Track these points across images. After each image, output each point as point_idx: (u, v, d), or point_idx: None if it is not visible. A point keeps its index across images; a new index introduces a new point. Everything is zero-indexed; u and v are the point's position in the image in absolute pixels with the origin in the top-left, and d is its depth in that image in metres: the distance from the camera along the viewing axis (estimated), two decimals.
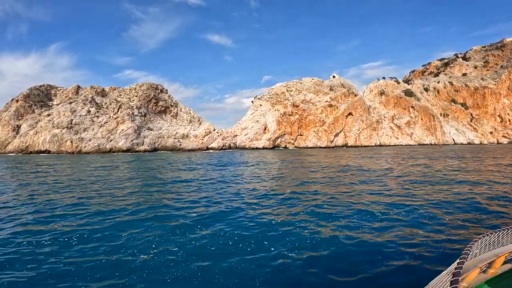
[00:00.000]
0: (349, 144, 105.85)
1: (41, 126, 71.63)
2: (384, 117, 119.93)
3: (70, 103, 76.68)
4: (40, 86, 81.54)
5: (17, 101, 77.00)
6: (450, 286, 2.07)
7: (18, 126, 74.47)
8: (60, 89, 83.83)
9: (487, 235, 2.92)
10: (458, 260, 2.39)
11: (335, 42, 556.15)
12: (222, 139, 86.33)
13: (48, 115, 74.44)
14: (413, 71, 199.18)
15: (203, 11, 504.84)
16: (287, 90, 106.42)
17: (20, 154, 69.55)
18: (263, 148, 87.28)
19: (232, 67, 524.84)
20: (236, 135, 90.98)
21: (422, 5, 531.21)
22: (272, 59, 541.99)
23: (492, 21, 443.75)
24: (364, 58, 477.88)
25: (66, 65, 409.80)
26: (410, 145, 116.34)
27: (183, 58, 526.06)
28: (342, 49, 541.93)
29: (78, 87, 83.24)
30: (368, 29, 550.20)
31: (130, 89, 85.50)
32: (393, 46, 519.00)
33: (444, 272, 2.41)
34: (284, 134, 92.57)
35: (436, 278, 2.39)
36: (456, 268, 2.28)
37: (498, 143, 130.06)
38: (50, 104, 79.08)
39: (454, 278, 2.14)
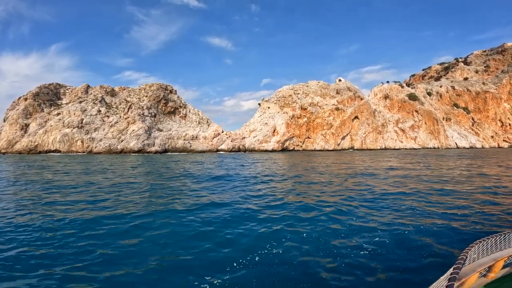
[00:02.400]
0: (356, 147, 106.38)
1: (51, 125, 70.62)
2: (389, 120, 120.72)
3: (80, 102, 75.76)
4: (49, 84, 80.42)
5: (25, 99, 75.82)
6: None
7: (27, 125, 73.35)
8: (69, 88, 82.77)
9: (485, 240, 2.96)
10: (454, 265, 2.43)
11: (336, 46, 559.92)
12: (232, 141, 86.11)
13: (58, 114, 73.46)
14: (413, 75, 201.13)
15: (205, 14, 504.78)
16: (294, 93, 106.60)
17: (29, 154, 68.47)
18: (272, 150, 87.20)
19: (232, 70, 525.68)
20: (244, 137, 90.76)
21: (421, 10, 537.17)
22: (272, 63, 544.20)
23: (491, 26, 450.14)
24: (364, 62, 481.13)
25: (67, 65, 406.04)
26: (414, 148, 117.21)
27: (184, 60, 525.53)
28: (343, 53, 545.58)
29: (88, 86, 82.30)
30: (368, 33, 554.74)
31: (139, 89, 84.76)
32: (392, 50, 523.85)
33: (442, 277, 2.43)
34: (293, 136, 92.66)
35: (434, 283, 2.42)
36: (452, 273, 2.31)
37: (499, 147, 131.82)
38: (59, 103, 77.99)
39: (449, 283, 2.17)
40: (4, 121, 79.91)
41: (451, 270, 2.40)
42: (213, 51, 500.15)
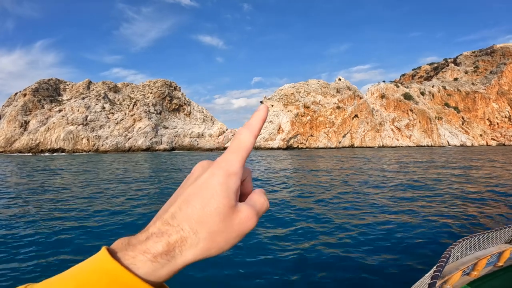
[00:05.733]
0: (355, 145, 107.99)
1: (53, 122, 67.64)
2: (386, 119, 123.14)
3: (83, 98, 72.91)
4: (48, 79, 76.90)
5: (24, 95, 72.24)
6: None
7: (26, 122, 69.98)
8: (69, 84, 79.46)
9: (468, 238, 3.04)
10: (437, 264, 2.48)
11: (326, 46, 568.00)
12: None
13: (60, 110, 70.47)
14: (403, 75, 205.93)
15: (196, 12, 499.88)
16: (296, 91, 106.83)
17: (30, 152, 65.29)
18: (278, 148, 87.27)
19: (223, 68, 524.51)
20: None
21: (409, 12, 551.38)
22: (262, 61, 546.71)
23: (477, 28, 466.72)
24: (353, 62, 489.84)
25: (52, 62, 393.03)
26: (409, 146, 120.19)
27: (174, 58, 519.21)
28: (333, 53, 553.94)
29: (89, 82, 79.28)
30: (358, 34, 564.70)
31: (143, 86, 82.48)
32: (380, 50, 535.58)
33: (426, 275, 2.50)
34: (297, 134, 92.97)
35: (418, 281, 2.49)
36: (434, 271, 2.36)
37: (487, 145, 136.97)
38: (60, 99, 74.80)
39: (432, 281, 2.24)
40: (0, 118, 75.96)
41: (434, 268, 2.42)
42: (204, 49, 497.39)
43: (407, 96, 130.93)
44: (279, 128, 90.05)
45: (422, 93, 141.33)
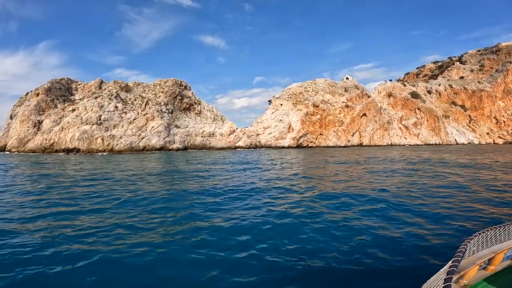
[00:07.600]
0: (364, 144, 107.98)
1: (68, 122, 67.60)
2: (393, 118, 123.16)
3: (96, 98, 72.89)
4: (60, 79, 76.96)
5: (37, 94, 72.26)
6: (444, 284, 2.15)
7: (40, 122, 69.95)
8: (81, 84, 79.53)
9: (484, 232, 2.99)
10: (453, 258, 2.45)
11: (328, 45, 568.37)
12: (248, 138, 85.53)
13: (73, 110, 70.46)
14: (407, 74, 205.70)
15: (198, 13, 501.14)
16: (304, 90, 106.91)
17: (44, 152, 65.23)
18: (288, 147, 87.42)
19: (225, 68, 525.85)
20: (258, 134, 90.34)
21: (411, 10, 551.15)
22: (264, 61, 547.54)
23: (479, 25, 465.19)
24: (355, 61, 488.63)
25: (55, 63, 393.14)
26: (417, 145, 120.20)
27: (176, 59, 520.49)
28: (335, 51, 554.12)
29: (101, 81, 79.33)
30: (359, 32, 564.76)
31: (154, 85, 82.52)
32: (382, 49, 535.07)
33: (441, 270, 2.46)
34: (307, 133, 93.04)
35: (433, 276, 2.45)
36: (450, 266, 2.33)
37: (494, 143, 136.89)
38: (73, 99, 74.85)
39: (448, 276, 2.21)
40: (11, 118, 75.97)
41: (450, 263, 2.39)
42: (206, 49, 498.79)
43: (414, 95, 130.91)
44: (289, 127, 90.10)
45: (429, 92, 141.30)
